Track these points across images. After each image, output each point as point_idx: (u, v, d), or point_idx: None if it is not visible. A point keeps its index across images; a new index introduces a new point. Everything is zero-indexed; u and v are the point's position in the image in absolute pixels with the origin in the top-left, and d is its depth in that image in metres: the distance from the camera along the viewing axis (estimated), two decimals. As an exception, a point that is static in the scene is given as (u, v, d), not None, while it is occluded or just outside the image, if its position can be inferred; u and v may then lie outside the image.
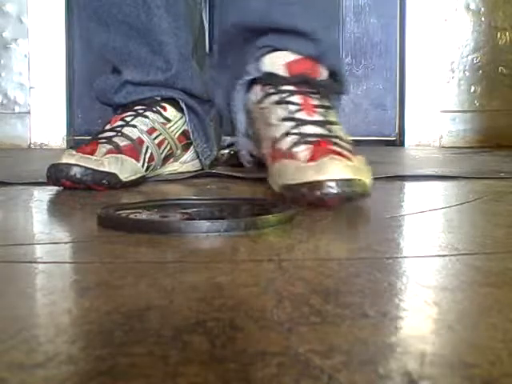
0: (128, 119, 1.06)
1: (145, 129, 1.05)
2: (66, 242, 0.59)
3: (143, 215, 0.67)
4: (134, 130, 1.04)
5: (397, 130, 2.18)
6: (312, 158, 0.76)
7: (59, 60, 2.10)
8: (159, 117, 1.09)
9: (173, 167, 1.13)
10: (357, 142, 0.88)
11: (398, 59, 2.17)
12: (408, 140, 2.13)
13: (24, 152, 1.97)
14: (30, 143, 2.11)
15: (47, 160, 0.94)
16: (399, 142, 2.16)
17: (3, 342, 0.31)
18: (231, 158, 1.26)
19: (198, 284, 0.42)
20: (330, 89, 0.94)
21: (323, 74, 0.95)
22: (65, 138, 2.11)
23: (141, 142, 1.03)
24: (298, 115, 0.87)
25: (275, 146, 0.86)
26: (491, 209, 0.78)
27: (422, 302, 0.38)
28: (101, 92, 1.15)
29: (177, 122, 1.12)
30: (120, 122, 1.05)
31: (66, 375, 0.27)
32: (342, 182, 0.71)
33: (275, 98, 0.91)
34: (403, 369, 0.28)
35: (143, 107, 1.08)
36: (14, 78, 2.11)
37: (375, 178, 1.03)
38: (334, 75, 0.97)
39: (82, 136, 2.07)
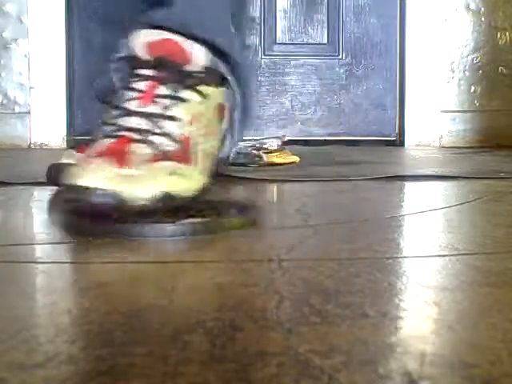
0: (128, 119, 1.05)
1: (145, 129, 1.05)
2: (66, 242, 0.59)
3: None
4: (134, 129, 1.03)
5: (397, 130, 2.18)
6: (89, 157, 0.70)
7: (59, 60, 2.10)
8: (159, 117, 1.09)
9: (173, 167, 1.13)
10: (357, 142, 0.88)
11: (398, 59, 2.17)
12: (408, 140, 2.13)
13: (24, 152, 1.97)
14: (30, 143, 2.11)
15: (47, 160, 0.94)
16: (399, 142, 2.16)
17: (3, 342, 0.31)
18: (231, 158, 1.26)
19: (198, 284, 0.42)
20: (203, 77, 0.83)
21: (198, 60, 0.84)
22: (65, 138, 2.11)
23: (141, 141, 1.03)
24: (128, 104, 0.78)
25: (94, 133, 0.79)
26: (491, 209, 0.78)
27: (422, 302, 0.38)
28: (100, 91, 1.15)
29: (177, 121, 1.12)
30: (120, 122, 1.05)
31: (66, 375, 0.27)
32: (94, 191, 0.65)
33: (126, 82, 0.83)
34: (403, 369, 0.28)
35: (143, 107, 1.08)
36: (14, 77, 2.11)
37: (375, 178, 1.04)
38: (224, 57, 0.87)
39: (82, 136, 2.06)
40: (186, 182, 0.72)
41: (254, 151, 1.25)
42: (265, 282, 0.42)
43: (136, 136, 0.73)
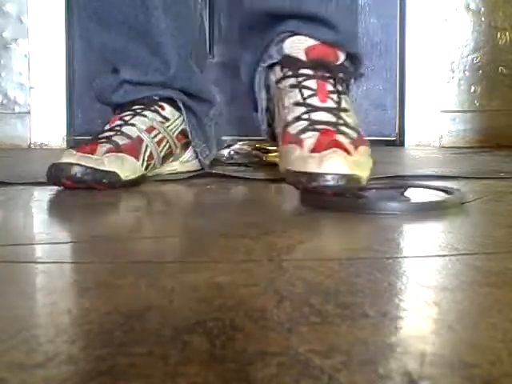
0: (127, 118, 1.06)
1: (144, 127, 1.05)
2: (66, 242, 0.59)
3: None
4: (133, 128, 1.04)
5: (397, 130, 2.18)
6: (315, 149, 0.80)
7: (59, 60, 2.10)
8: (157, 116, 1.09)
9: (172, 167, 1.13)
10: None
11: (398, 59, 2.17)
12: (408, 140, 2.13)
13: (24, 152, 1.97)
14: (30, 143, 2.11)
15: (47, 160, 0.94)
16: (399, 142, 2.16)
17: (3, 342, 0.31)
18: (231, 158, 1.26)
19: (198, 284, 0.42)
20: (347, 73, 0.97)
21: (341, 58, 0.98)
22: (65, 138, 2.11)
23: (140, 140, 1.03)
24: (311, 101, 0.91)
25: (286, 129, 0.90)
26: (491, 209, 0.78)
27: (422, 302, 0.38)
28: (100, 91, 1.15)
29: (175, 120, 1.12)
30: (119, 122, 1.05)
31: (66, 375, 0.27)
32: (338, 177, 0.76)
33: (292, 80, 0.95)
34: (403, 369, 0.28)
35: (141, 106, 1.08)
36: (14, 77, 2.11)
37: (375, 178, 1.04)
38: (351, 59, 1.00)
39: (82, 136, 2.06)
40: (369, 165, 0.86)
41: (254, 151, 1.25)
42: (265, 282, 0.42)
43: (332, 128, 0.85)
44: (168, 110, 1.11)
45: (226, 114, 1.89)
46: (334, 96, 0.92)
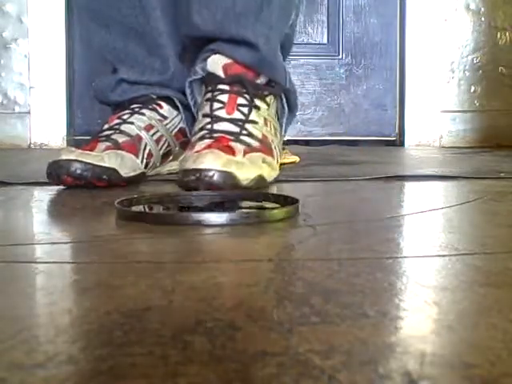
0: (125, 117, 1.06)
1: (142, 125, 1.06)
2: (65, 242, 0.59)
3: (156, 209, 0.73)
4: (132, 126, 1.04)
5: (397, 130, 2.18)
6: (199, 150, 0.86)
7: (59, 60, 2.10)
8: (155, 114, 1.09)
9: (171, 167, 1.13)
10: (357, 142, 0.90)
11: (398, 59, 2.17)
12: (408, 140, 2.13)
13: (24, 152, 1.97)
14: (30, 143, 2.11)
15: (47, 160, 0.94)
16: (399, 142, 2.16)
17: (3, 342, 0.31)
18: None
19: (198, 284, 0.42)
20: (263, 89, 1.02)
21: (261, 78, 1.03)
22: (65, 138, 2.11)
23: (139, 138, 1.04)
24: (217, 113, 0.97)
25: (191, 139, 0.97)
26: (491, 209, 0.78)
27: (422, 302, 0.38)
28: (99, 91, 1.16)
29: (173, 119, 1.12)
30: (117, 121, 1.05)
31: (66, 375, 0.27)
32: (211, 172, 0.81)
33: (208, 95, 1.00)
34: (403, 369, 0.28)
35: (139, 105, 1.09)
36: (14, 77, 2.11)
37: (375, 178, 1.04)
38: (270, 81, 1.05)
39: (82, 136, 2.06)
40: (272, 170, 0.92)
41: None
42: (265, 282, 0.42)
43: (229, 137, 0.91)
44: (166, 109, 1.11)
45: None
46: (245, 109, 0.97)
